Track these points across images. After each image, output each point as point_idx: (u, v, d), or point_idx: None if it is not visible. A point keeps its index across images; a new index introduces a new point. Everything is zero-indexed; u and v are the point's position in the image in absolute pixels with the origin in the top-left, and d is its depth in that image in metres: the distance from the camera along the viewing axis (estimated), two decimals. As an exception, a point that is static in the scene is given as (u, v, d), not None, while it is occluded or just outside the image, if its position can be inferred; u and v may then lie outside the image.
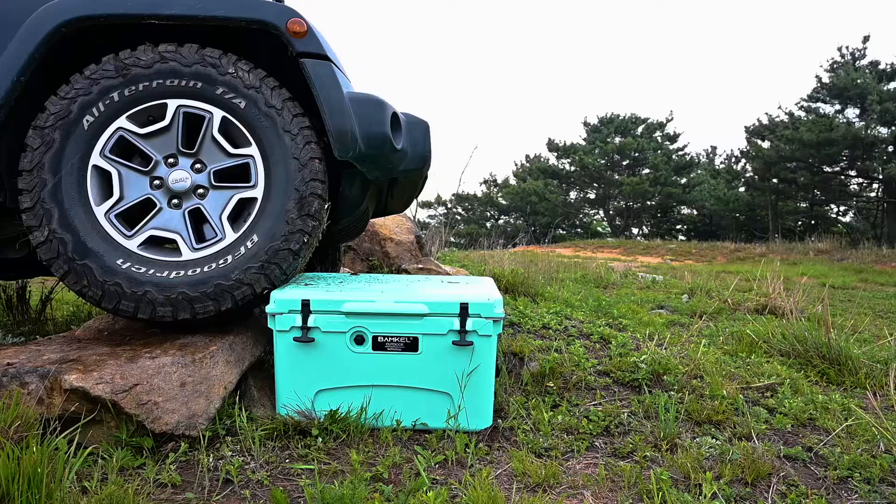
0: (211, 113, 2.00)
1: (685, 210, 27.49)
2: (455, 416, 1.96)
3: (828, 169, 18.31)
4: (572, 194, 29.02)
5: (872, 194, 20.03)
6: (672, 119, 31.86)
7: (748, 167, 22.34)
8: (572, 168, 27.58)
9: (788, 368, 2.65)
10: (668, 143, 27.66)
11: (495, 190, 30.40)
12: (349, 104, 2.03)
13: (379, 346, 1.96)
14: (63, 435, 1.61)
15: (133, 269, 1.92)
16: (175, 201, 2.01)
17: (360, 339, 1.96)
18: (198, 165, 2.02)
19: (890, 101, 15.83)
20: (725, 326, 3.44)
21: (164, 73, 1.97)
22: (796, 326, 3.04)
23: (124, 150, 2.00)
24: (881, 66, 18.00)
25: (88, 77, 1.94)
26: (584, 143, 28.07)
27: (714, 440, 1.95)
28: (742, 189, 23.00)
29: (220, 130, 2.01)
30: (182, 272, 1.94)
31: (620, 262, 10.00)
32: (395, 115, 2.18)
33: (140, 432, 1.74)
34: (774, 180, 19.70)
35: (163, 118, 1.99)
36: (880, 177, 17.20)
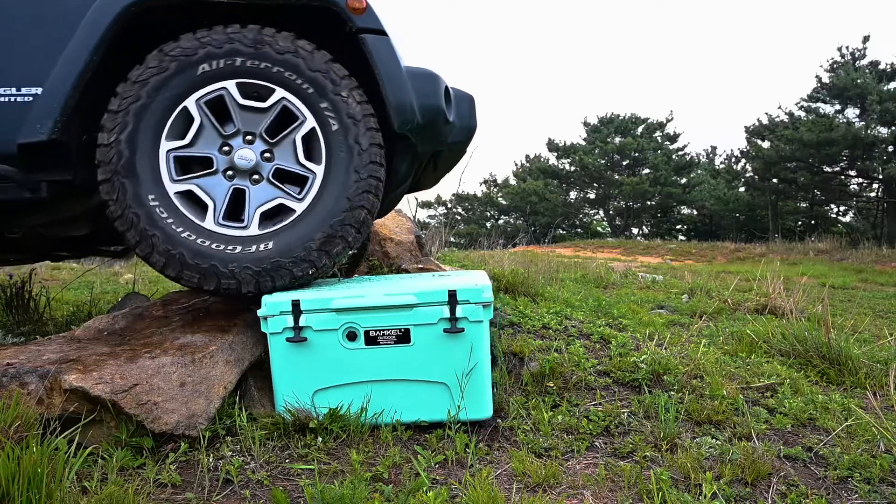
0: (305, 117, 2.05)
1: (685, 210, 27.48)
2: (453, 405, 1.96)
3: (828, 169, 18.30)
4: (572, 194, 29.01)
5: (872, 194, 20.03)
6: (672, 119, 31.84)
7: (748, 167, 22.34)
8: (572, 168, 27.57)
9: (788, 368, 2.65)
10: (668, 143, 27.65)
11: (495, 190, 30.39)
12: (407, 78, 2.08)
13: (371, 340, 1.96)
14: (63, 435, 1.61)
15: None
16: (230, 172, 2.04)
17: (352, 335, 1.96)
18: (267, 155, 2.06)
19: (890, 101, 15.83)
20: (725, 326, 3.44)
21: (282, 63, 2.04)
22: (796, 326, 3.04)
23: (216, 107, 2.04)
24: (881, 66, 17.99)
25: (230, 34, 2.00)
26: (584, 143, 28.06)
27: (714, 440, 1.95)
28: (742, 189, 22.99)
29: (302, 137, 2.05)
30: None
31: (620, 262, 10.00)
32: (446, 88, 2.24)
33: (140, 432, 1.74)
34: (774, 180, 19.69)
35: (264, 101, 2.04)
36: (880, 177, 17.19)
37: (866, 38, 18.58)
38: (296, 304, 1.94)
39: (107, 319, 2.27)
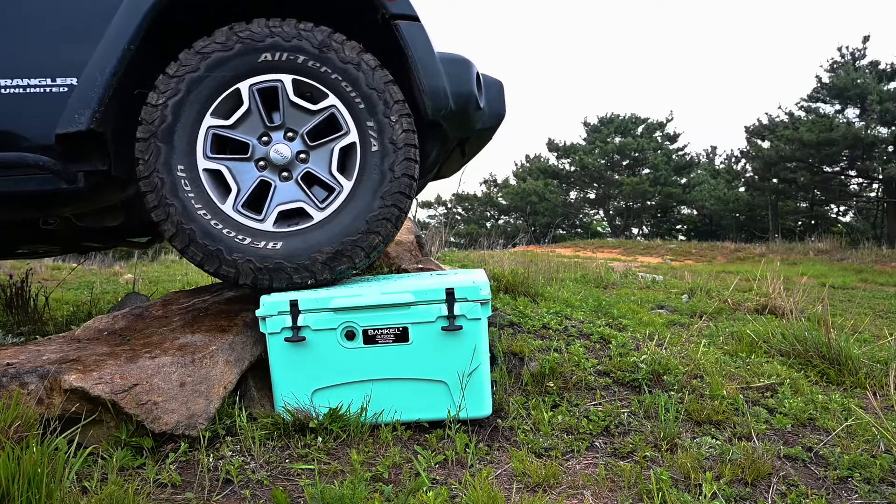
0: (349, 130, 2.06)
1: (685, 210, 27.48)
2: (453, 404, 1.96)
3: (828, 169, 18.30)
4: (572, 194, 29.01)
5: (872, 194, 20.02)
6: (672, 119, 31.88)
7: (748, 167, 22.34)
8: (572, 168, 27.57)
9: (788, 368, 2.65)
10: (668, 143, 27.65)
11: (495, 190, 30.39)
12: (440, 64, 2.08)
13: (370, 339, 1.96)
14: (63, 435, 1.61)
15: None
16: (262, 163, 2.05)
17: (350, 335, 1.96)
18: (302, 156, 2.08)
19: (890, 101, 15.83)
20: (725, 326, 3.43)
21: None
22: (796, 326, 3.04)
23: (266, 97, 2.06)
24: (881, 66, 17.99)
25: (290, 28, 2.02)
26: (584, 143, 28.06)
27: (714, 440, 1.95)
28: (742, 189, 22.99)
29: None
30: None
31: (620, 262, 10.00)
32: (477, 74, 2.25)
33: (140, 432, 1.74)
34: (774, 180, 19.69)
35: (315, 103, 2.06)
36: (880, 177, 17.19)
37: (866, 38, 18.59)
38: (294, 304, 1.94)
39: (107, 319, 2.27)
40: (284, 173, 2.06)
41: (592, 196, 28.49)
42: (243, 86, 2.01)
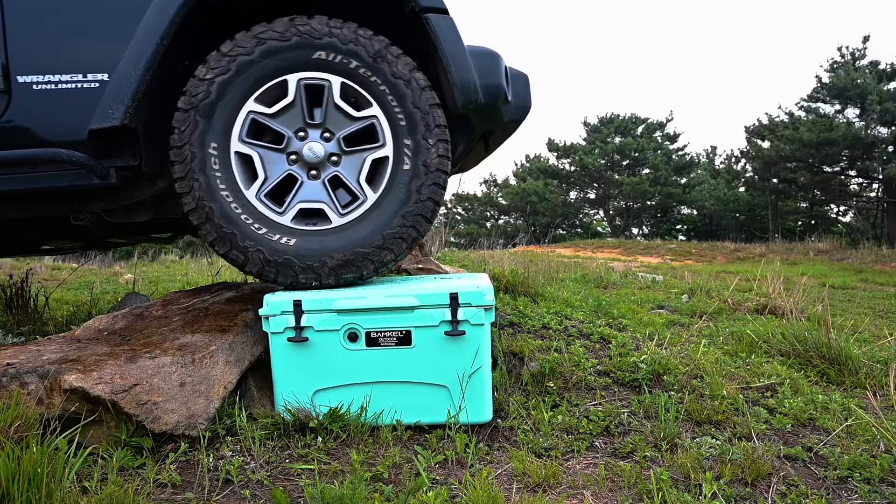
0: (385, 144, 2.06)
1: (685, 210, 27.48)
2: (454, 409, 1.96)
3: (828, 169, 18.29)
4: (572, 194, 29.01)
5: (872, 194, 20.02)
6: (672, 119, 31.87)
7: (748, 167, 22.32)
8: (572, 168, 27.57)
9: (788, 368, 2.65)
10: (668, 143, 27.64)
11: (495, 190, 30.39)
12: (470, 58, 2.08)
13: (372, 341, 1.96)
14: (63, 435, 1.61)
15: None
16: (293, 157, 2.06)
17: (353, 336, 1.96)
18: (334, 159, 2.08)
19: (890, 101, 15.82)
20: (725, 326, 3.43)
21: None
22: (796, 326, 3.04)
23: (311, 93, 2.07)
24: (881, 66, 17.98)
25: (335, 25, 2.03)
26: (584, 143, 28.06)
27: (714, 440, 1.95)
28: (742, 189, 22.98)
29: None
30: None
31: (620, 262, 10.00)
32: (505, 67, 2.26)
33: (140, 432, 1.74)
34: (774, 180, 19.68)
35: (358, 110, 2.07)
36: (880, 177, 17.19)
37: (866, 38, 18.57)
38: (297, 304, 1.94)
39: (107, 319, 2.27)
40: (313, 172, 2.07)
41: (592, 196, 28.49)
42: (292, 78, 2.02)
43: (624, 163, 27.02)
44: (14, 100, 1.92)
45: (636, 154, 26.62)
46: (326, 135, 2.07)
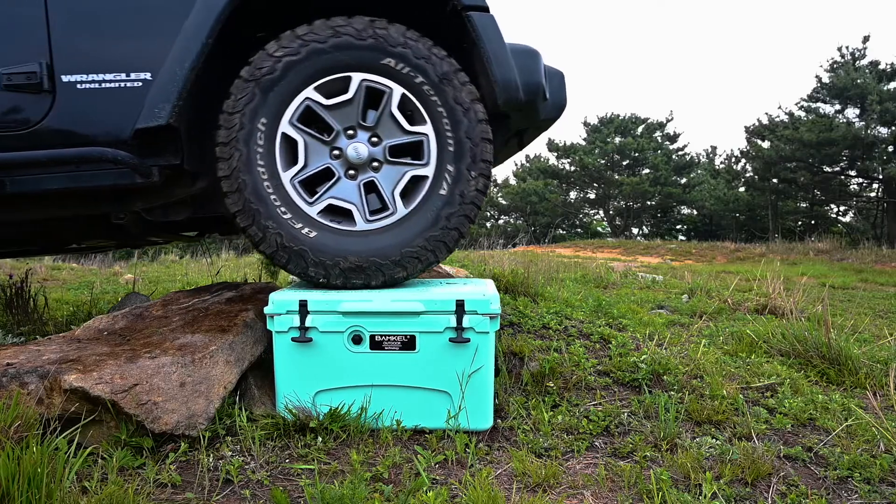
0: (428, 163, 2.08)
1: (685, 210, 27.47)
2: (455, 415, 1.96)
3: (828, 169, 18.29)
4: (572, 194, 29.00)
5: (872, 194, 20.01)
6: (672, 119, 31.86)
7: (748, 167, 22.32)
8: (572, 168, 27.55)
9: (788, 368, 2.65)
10: (668, 143, 27.63)
11: (495, 190, 30.37)
12: (511, 55, 2.10)
13: (376, 345, 1.96)
14: (63, 435, 1.61)
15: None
16: (336, 151, 2.07)
17: (357, 339, 1.96)
18: (375, 164, 2.10)
19: (890, 101, 15.81)
20: (725, 326, 3.43)
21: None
22: (796, 326, 3.04)
23: (369, 96, 2.09)
24: (881, 66, 17.97)
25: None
26: (584, 143, 28.05)
27: (714, 440, 1.95)
28: (742, 189, 22.97)
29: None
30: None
31: (620, 262, 10.00)
32: (543, 64, 2.28)
33: (140, 432, 1.74)
34: (774, 180, 19.68)
35: (413, 125, 2.08)
36: (880, 177, 17.18)
37: (866, 38, 18.57)
38: (303, 305, 1.94)
39: (107, 319, 2.27)
40: (351, 171, 2.08)
41: (592, 196, 28.48)
42: (356, 77, 2.03)
43: (624, 163, 27.00)
44: (58, 99, 1.94)
45: (636, 154, 26.61)
46: (374, 139, 2.08)
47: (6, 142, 1.94)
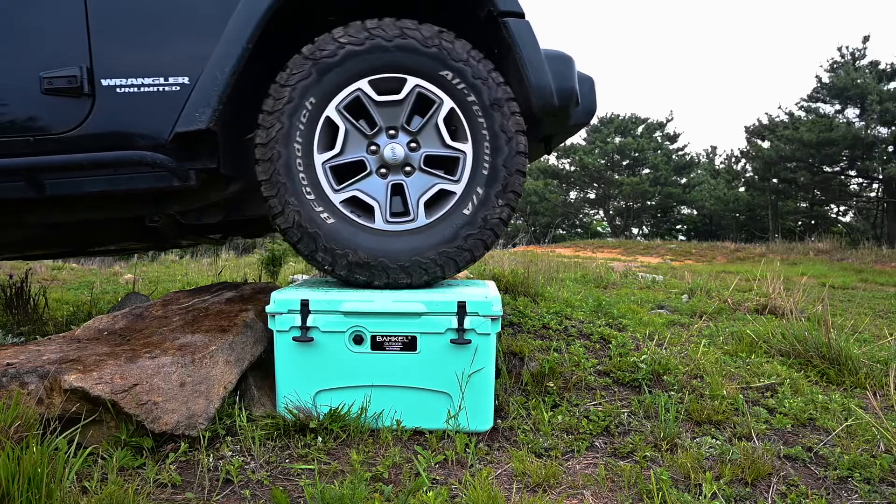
0: (460, 180, 2.10)
1: (685, 210, 27.48)
2: (455, 416, 1.96)
3: (828, 169, 18.29)
4: (572, 194, 29.00)
5: (872, 194, 20.01)
6: (672, 119, 31.88)
7: (748, 167, 22.33)
8: (572, 168, 27.56)
9: (788, 368, 2.65)
10: (668, 143, 27.64)
11: (495, 190, 30.33)
12: (546, 61, 2.12)
13: (378, 345, 1.96)
14: (63, 435, 1.61)
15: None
16: (373, 148, 2.09)
17: (358, 339, 1.96)
18: (407, 169, 2.12)
19: (890, 101, 15.82)
20: (725, 326, 3.43)
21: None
22: (796, 326, 3.04)
23: (418, 102, 2.11)
24: (881, 66, 17.98)
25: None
26: (584, 142, 28.04)
27: (714, 440, 1.95)
28: (742, 189, 22.98)
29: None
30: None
31: (620, 262, 10.00)
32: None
33: (140, 432, 1.74)
34: (774, 180, 19.68)
35: (456, 141, 2.10)
36: (880, 177, 17.19)
37: (866, 38, 18.61)
38: (305, 304, 1.94)
39: (107, 319, 2.27)
40: (383, 170, 2.09)
41: (592, 196, 28.49)
42: (411, 81, 2.05)
43: (624, 163, 27.01)
44: (98, 103, 1.96)
45: (636, 154, 26.62)
46: (413, 145, 2.10)
47: (46, 145, 1.96)
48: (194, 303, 2.40)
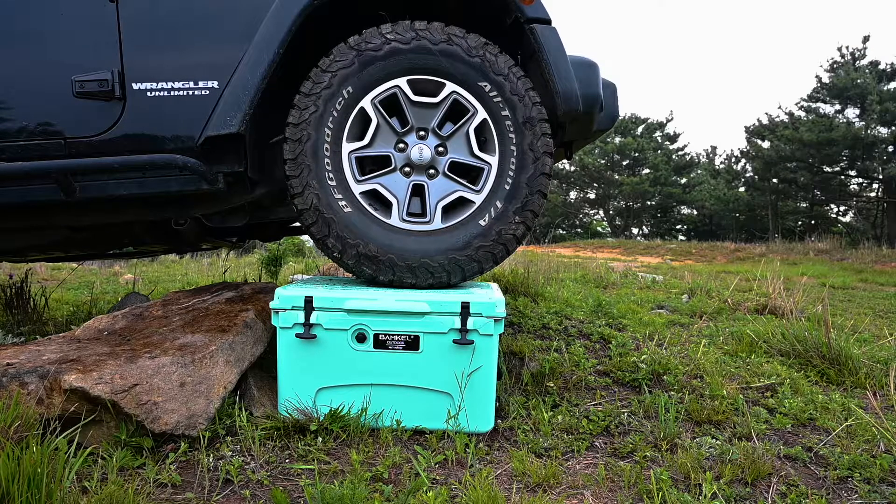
0: (478, 198, 2.11)
1: (685, 210, 27.49)
2: (455, 416, 1.96)
3: (828, 169, 18.31)
4: (572, 194, 29.01)
5: (872, 194, 20.02)
6: (672, 119, 31.87)
7: (748, 167, 22.36)
8: (572, 168, 27.57)
9: (788, 368, 2.65)
10: (668, 143, 27.65)
11: (495, 190, 30.34)
12: (571, 67, 2.13)
13: (380, 344, 1.96)
14: (63, 435, 1.61)
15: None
16: (401, 146, 2.10)
17: (361, 337, 1.96)
18: (431, 172, 2.13)
19: (890, 101, 15.83)
20: (725, 326, 3.43)
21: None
22: (796, 326, 3.04)
23: (452, 111, 2.13)
24: (881, 66, 18.00)
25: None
26: (583, 142, 28.02)
27: (714, 440, 1.95)
28: (742, 189, 23.00)
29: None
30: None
31: (620, 262, 9.99)
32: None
33: (140, 432, 1.74)
34: (774, 180, 19.70)
35: (484, 152, 2.12)
36: (880, 177, 17.20)
37: (866, 38, 18.65)
38: (309, 301, 1.94)
39: (107, 319, 2.27)
40: (407, 168, 2.10)
41: (592, 196, 28.49)
42: (449, 86, 2.07)
43: (624, 163, 27.01)
44: (129, 106, 1.97)
45: (636, 154, 26.62)
46: (440, 149, 2.11)
47: (78, 148, 1.97)
48: (194, 303, 2.40)
